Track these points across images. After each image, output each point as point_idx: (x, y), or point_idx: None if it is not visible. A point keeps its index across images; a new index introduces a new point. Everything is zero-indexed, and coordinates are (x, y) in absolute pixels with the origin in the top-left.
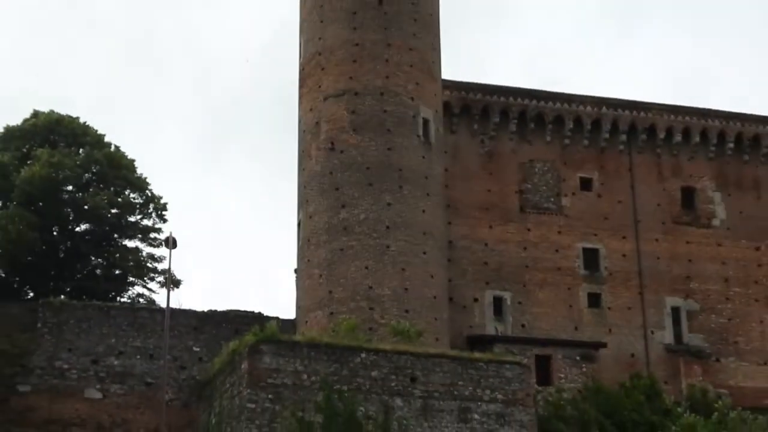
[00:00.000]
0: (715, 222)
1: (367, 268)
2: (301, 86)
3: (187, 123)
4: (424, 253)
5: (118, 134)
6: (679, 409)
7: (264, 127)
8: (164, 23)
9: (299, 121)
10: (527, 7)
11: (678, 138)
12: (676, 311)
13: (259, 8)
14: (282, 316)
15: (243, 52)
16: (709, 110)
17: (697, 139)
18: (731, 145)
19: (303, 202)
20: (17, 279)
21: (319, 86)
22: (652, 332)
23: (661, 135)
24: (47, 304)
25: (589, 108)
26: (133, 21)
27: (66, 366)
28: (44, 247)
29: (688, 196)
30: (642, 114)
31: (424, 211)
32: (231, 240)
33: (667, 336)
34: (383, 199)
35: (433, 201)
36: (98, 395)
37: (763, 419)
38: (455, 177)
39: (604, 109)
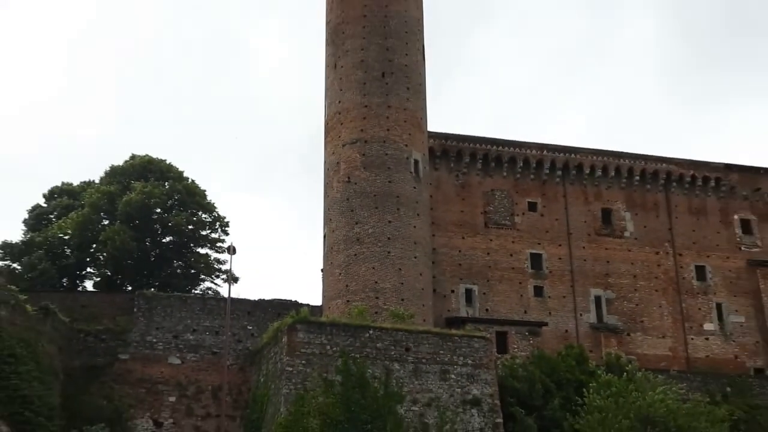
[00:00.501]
0: (626, 234)
1: (373, 268)
2: (325, 136)
3: (244, 161)
4: (415, 257)
5: (193, 170)
6: (599, 371)
7: (298, 166)
8: (226, 87)
9: (324, 162)
10: (490, 74)
11: (599, 173)
12: (598, 299)
13: (294, 82)
14: (312, 303)
15: (285, 110)
16: (621, 152)
17: (613, 173)
18: (637, 178)
19: (327, 221)
20: (119, 277)
21: (339, 136)
22: (581, 314)
23: (587, 171)
24: (141, 295)
25: (534, 151)
26: (201, 84)
27: (154, 340)
28: (139, 254)
29: (606, 215)
30: (573, 155)
31: (414, 227)
32: (275, 247)
33: (592, 317)
34: (385, 218)
35: (421, 219)
36: (178, 361)
37: (661, 378)
38: (437, 202)
39: (545, 152)
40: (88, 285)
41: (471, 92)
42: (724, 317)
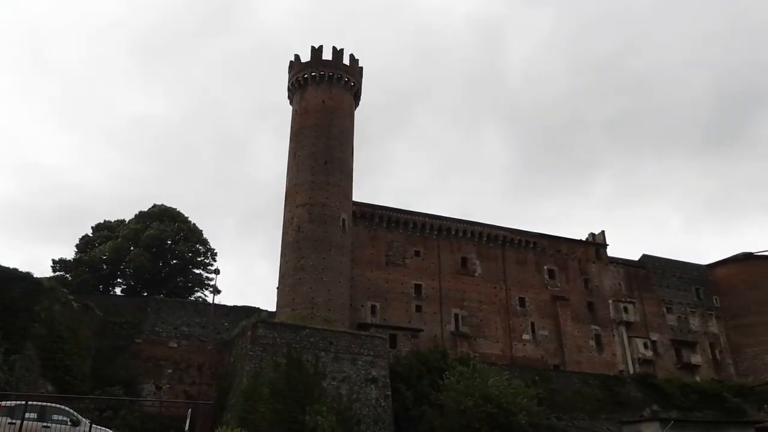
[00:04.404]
0: (476, 274)
1: (312, 288)
2: (285, 199)
3: (230, 213)
4: (339, 282)
5: (194, 215)
6: (455, 363)
7: (266, 220)
8: (232, 170)
9: (284, 217)
10: (396, 166)
11: (460, 234)
12: (456, 315)
13: (272, 165)
14: (269, 310)
15: (265, 181)
16: (475, 221)
17: (469, 235)
18: (485, 238)
19: (283, 255)
20: (139, 286)
21: (294, 201)
22: (445, 325)
23: (453, 232)
24: (153, 299)
25: (420, 218)
26: (213, 165)
27: (160, 330)
28: (153, 271)
29: (464, 261)
30: (444, 222)
31: (340, 262)
32: (247, 271)
33: (452, 327)
34: (321, 255)
35: (345, 257)
36: (175, 345)
37: (494, 369)
38: (356, 246)
39: (427, 219)
40: (117, 290)
41: (383, 178)
42: (536, 331)
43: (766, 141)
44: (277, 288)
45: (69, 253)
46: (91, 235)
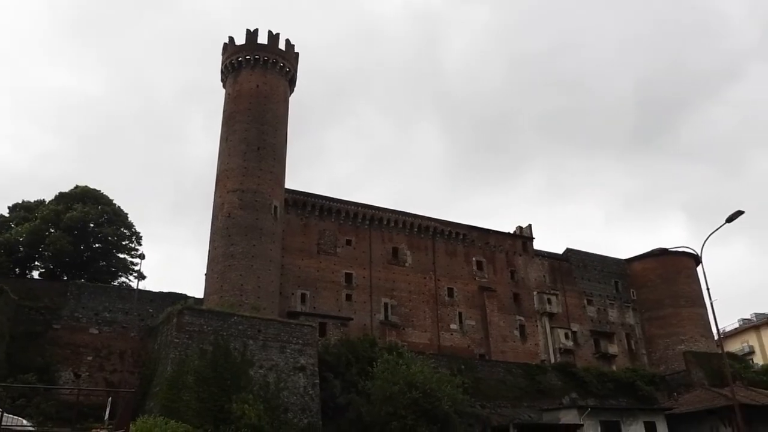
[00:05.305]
0: (407, 264)
1: (241, 275)
2: (216, 185)
3: (157, 197)
4: (269, 269)
5: (119, 198)
6: (383, 352)
7: (198, 205)
8: (165, 152)
9: (214, 202)
10: (331, 154)
11: (392, 224)
12: (386, 305)
13: (204, 149)
14: (196, 296)
15: (198, 166)
16: (406, 212)
17: (401, 225)
18: (416, 229)
19: (212, 241)
20: (59, 270)
21: (225, 186)
22: (375, 314)
23: (384, 222)
24: (73, 283)
25: (352, 207)
26: (147, 149)
27: (80, 315)
28: (75, 254)
29: (395, 251)
30: (376, 212)
31: (271, 250)
32: (174, 256)
33: (381, 316)
34: (252, 242)
35: (275, 245)
36: (96, 332)
37: (421, 357)
38: (287, 234)
39: (359, 208)
40: (35, 274)
41: (316, 166)
42: (463, 321)
43: (687, 142)
44: (206, 275)
45: None
46: (6, 215)
